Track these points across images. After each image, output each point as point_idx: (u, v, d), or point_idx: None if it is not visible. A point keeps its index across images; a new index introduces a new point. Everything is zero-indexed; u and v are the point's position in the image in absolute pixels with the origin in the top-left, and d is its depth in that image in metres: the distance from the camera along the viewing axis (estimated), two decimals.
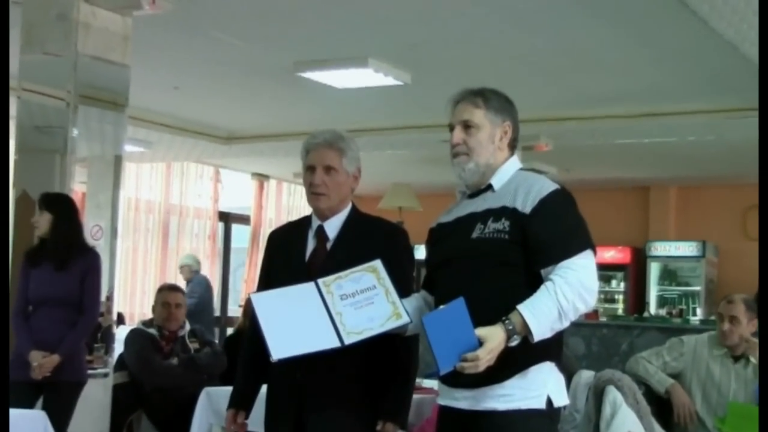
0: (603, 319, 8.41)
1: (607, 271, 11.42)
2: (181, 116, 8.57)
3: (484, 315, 2.48)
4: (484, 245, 2.62)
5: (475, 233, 2.65)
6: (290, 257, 3.03)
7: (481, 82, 2.85)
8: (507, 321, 2.48)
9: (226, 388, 3.48)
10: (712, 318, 4.56)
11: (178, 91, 7.54)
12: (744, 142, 7.58)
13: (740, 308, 4.35)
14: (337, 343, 2.65)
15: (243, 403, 3.08)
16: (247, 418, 3.07)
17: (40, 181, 4.94)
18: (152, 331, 5.57)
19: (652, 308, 11.42)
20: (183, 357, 5.52)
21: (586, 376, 4.32)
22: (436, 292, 2.77)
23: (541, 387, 2.60)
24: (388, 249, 2.89)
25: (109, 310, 5.10)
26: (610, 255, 11.57)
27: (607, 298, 11.75)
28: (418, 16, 5.56)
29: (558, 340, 2.65)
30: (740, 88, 6.54)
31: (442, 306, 2.50)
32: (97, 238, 5.06)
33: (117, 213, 5.24)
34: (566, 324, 2.56)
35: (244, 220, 12.03)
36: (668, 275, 11.83)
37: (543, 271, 2.59)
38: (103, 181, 5.23)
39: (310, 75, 6.64)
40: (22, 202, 4.98)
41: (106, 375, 5.06)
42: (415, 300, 2.84)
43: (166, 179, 10.87)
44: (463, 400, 2.63)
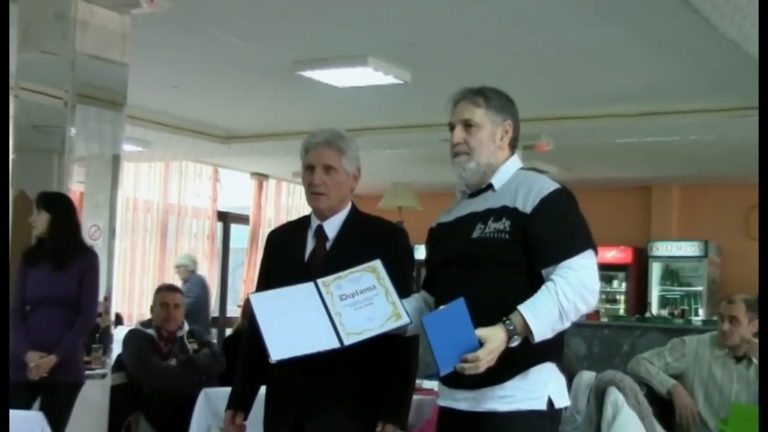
0: (604, 320, 8.37)
1: (609, 271, 11.40)
2: (180, 115, 8.56)
3: (485, 315, 2.47)
4: (485, 245, 2.61)
5: (476, 233, 2.64)
6: (289, 257, 3.01)
7: (481, 81, 2.84)
8: (508, 321, 2.47)
9: (225, 389, 3.47)
10: (715, 319, 4.54)
11: (177, 90, 7.53)
12: (746, 141, 7.55)
13: (740, 308, 4.33)
14: (337, 344, 2.64)
15: (242, 404, 3.07)
16: (246, 419, 3.06)
17: (37, 181, 4.93)
18: (150, 331, 5.56)
19: (654, 309, 11.38)
20: (181, 358, 5.51)
21: (587, 377, 4.32)
22: (436, 292, 2.76)
23: (542, 388, 2.59)
24: (388, 249, 2.88)
25: (107, 311, 5.10)
26: (612, 255, 11.56)
27: (609, 298, 11.75)
28: (418, 15, 5.54)
29: (559, 340, 2.64)
30: (742, 86, 6.51)
31: (443, 306, 2.50)
32: (95, 238, 5.06)
33: (115, 213, 5.24)
34: (567, 324, 2.55)
35: (243, 219, 12.01)
36: (670, 275, 11.81)
37: (544, 271, 2.58)
38: (101, 181, 5.23)
39: (310, 74, 6.62)
40: (20, 202, 4.97)
41: (104, 376, 5.06)
42: (415, 300, 2.83)
43: (165, 179, 10.86)
44: (464, 401, 2.62)
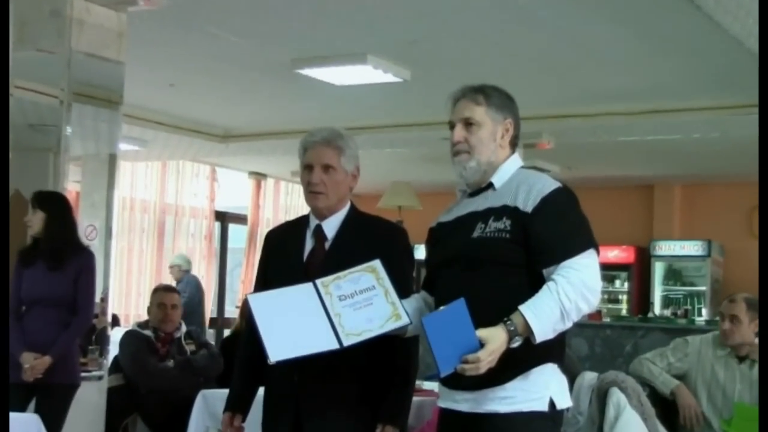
0: (606, 320, 8.35)
1: (611, 270, 11.39)
2: (177, 114, 8.55)
3: (485, 316, 2.45)
4: (485, 245, 2.60)
5: (476, 233, 2.63)
6: (288, 257, 3.00)
7: (481, 79, 2.83)
8: (508, 322, 2.46)
9: (223, 391, 3.45)
10: (718, 318, 4.51)
11: (174, 89, 7.52)
12: (750, 139, 7.48)
13: (741, 307, 4.31)
14: (336, 345, 2.62)
15: (240, 406, 3.06)
16: (244, 421, 3.06)
17: (33, 180, 4.93)
18: (147, 332, 5.55)
19: (657, 309, 11.35)
20: (179, 359, 5.50)
21: (589, 377, 4.32)
22: (436, 292, 2.75)
23: (543, 389, 2.58)
24: (388, 249, 2.86)
25: (104, 312, 5.10)
26: (614, 254, 11.54)
27: (611, 298, 11.74)
28: (418, 12, 5.53)
29: (560, 341, 2.62)
30: (745, 84, 6.48)
31: (443, 307, 2.48)
32: (92, 239, 5.07)
33: (112, 213, 5.26)
34: (569, 325, 2.54)
35: (241, 219, 12.01)
36: (673, 275, 11.79)
37: (545, 271, 2.56)
38: (98, 180, 5.24)
39: (308, 72, 6.62)
40: (15, 202, 4.94)
41: (100, 377, 5.05)
42: (415, 301, 2.82)
43: (162, 178, 10.84)
44: (464, 403, 2.61)
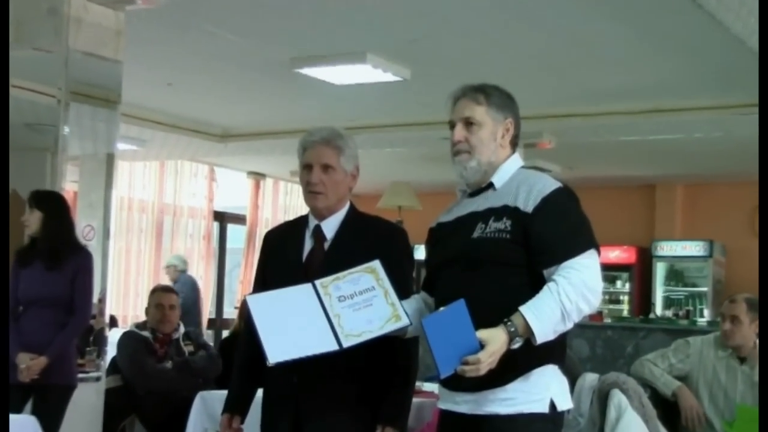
0: (608, 321, 8.36)
1: (612, 271, 11.38)
2: (175, 113, 8.53)
3: (486, 317, 2.45)
4: (486, 245, 2.60)
5: (476, 233, 2.62)
6: (287, 258, 3.00)
7: (482, 78, 2.82)
8: (509, 323, 2.45)
9: (221, 392, 3.47)
10: (719, 319, 4.51)
11: (172, 88, 7.50)
12: (752, 139, 7.45)
13: (742, 308, 4.30)
14: (335, 347, 2.61)
15: (238, 408, 3.05)
16: (243, 422, 3.06)
17: (30, 180, 4.90)
18: (146, 333, 5.53)
19: (658, 309, 11.34)
20: (177, 360, 5.49)
21: (590, 379, 4.31)
22: (437, 293, 2.74)
23: (544, 390, 2.57)
24: (387, 249, 2.86)
25: (102, 313, 5.06)
26: (615, 255, 11.53)
27: (612, 299, 11.74)
28: (418, 11, 5.51)
29: (561, 342, 2.61)
30: (748, 83, 6.45)
31: (443, 308, 2.48)
32: (89, 239, 5.05)
33: (109, 213, 5.21)
34: (570, 326, 2.53)
35: (239, 219, 11.98)
36: (675, 275, 11.77)
37: (546, 272, 2.55)
38: (95, 180, 5.21)
39: (307, 71, 6.60)
40: (12, 201, 4.93)
41: (98, 379, 5.02)
42: (415, 301, 2.81)
43: (160, 178, 10.82)
44: (464, 404, 2.60)
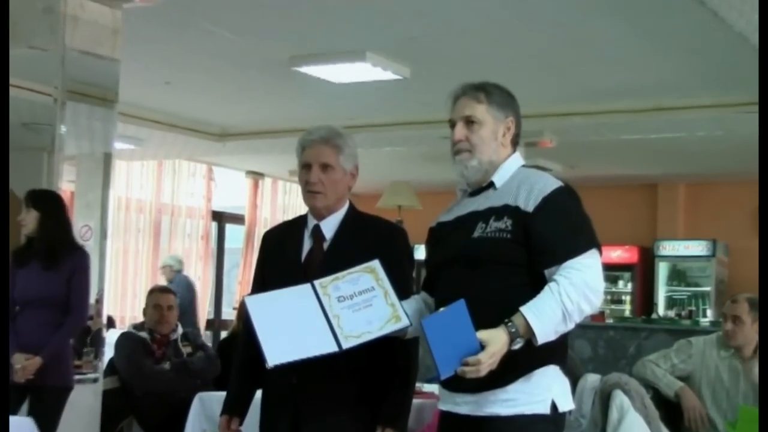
0: (609, 321, 8.34)
1: (614, 271, 11.36)
2: (173, 112, 8.51)
3: (486, 317, 2.44)
4: (486, 245, 2.59)
5: (477, 232, 2.61)
6: (285, 258, 2.99)
7: (482, 77, 2.81)
8: (510, 323, 2.44)
9: (220, 394, 3.46)
10: (721, 320, 4.50)
11: (170, 87, 7.49)
12: (755, 137, 7.42)
13: (743, 308, 4.30)
14: (335, 348, 2.60)
15: (237, 409, 3.04)
16: (242, 424, 3.05)
17: (26, 180, 4.87)
18: (143, 334, 5.52)
19: (661, 310, 11.33)
20: (175, 361, 5.47)
21: (592, 379, 4.28)
22: (437, 293, 2.73)
23: (545, 391, 2.57)
24: (387, 249, 2.85)
25: (99, 313, 5.05)
26: (617, 254, 11.51)
27: (614, 299, 11.72)
28: (418, 9, 5.50)
29: (563, 342, 2.60)
30: (750, 81, 6.40)
31: (443, 308, 2.46)
32: (87, 239, 5.04)
33: (107, 213, 5.20)
34: (571, 326, 2.52)
35: (238, 219, 11.97)
36: (677, 275, 11.75)
37: (547, 272, 2.54)
38: (93, 180, 5.19)
39: (307, 69, 6.60)
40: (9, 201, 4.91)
41: (95, 380, 5.00)
42: (415, 302, 2.80)
43: (158, 177, 10.80)
44: (465, 405, 2.59)
